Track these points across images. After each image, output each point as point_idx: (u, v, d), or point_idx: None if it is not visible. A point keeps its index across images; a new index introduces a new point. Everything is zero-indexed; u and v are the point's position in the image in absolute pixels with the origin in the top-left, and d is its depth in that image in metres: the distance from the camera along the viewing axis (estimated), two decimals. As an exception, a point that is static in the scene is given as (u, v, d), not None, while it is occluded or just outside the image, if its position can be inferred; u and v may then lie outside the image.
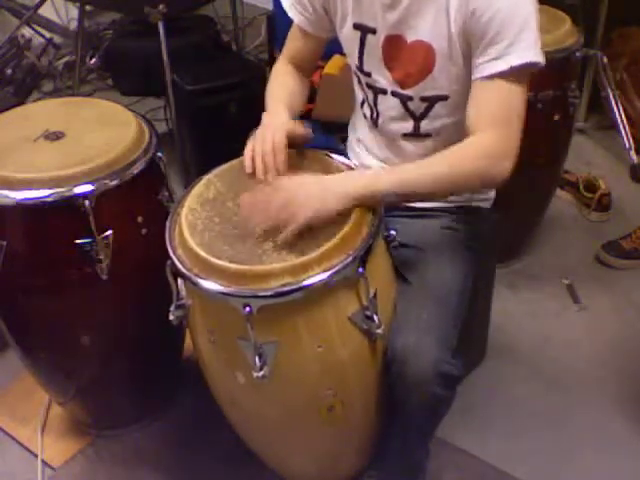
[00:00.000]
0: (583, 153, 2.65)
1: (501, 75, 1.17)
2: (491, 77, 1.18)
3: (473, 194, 1.42)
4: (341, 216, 1.17)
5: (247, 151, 1.29)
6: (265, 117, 1.35)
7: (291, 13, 1.42)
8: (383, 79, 1.33)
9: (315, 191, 1.17)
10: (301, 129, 1.33)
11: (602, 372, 1.83)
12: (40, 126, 1.45)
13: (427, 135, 1.35)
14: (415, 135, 1.36)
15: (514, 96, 1.19)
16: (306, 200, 1.15)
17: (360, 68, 1.36)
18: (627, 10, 2.56)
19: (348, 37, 1.35)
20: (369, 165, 1.44)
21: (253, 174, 1.27)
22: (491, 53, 1.17)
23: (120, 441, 1.72)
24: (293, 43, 1.47)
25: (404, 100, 1.32)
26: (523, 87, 1.19)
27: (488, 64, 1.18)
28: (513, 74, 1.17)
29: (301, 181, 1.20)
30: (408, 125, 1.35)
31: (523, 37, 1.16)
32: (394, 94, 1.33)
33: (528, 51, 1.16)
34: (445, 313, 1.26)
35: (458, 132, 1.32)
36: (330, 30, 1.40)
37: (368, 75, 1.36)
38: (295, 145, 1.31)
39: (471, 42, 1.20)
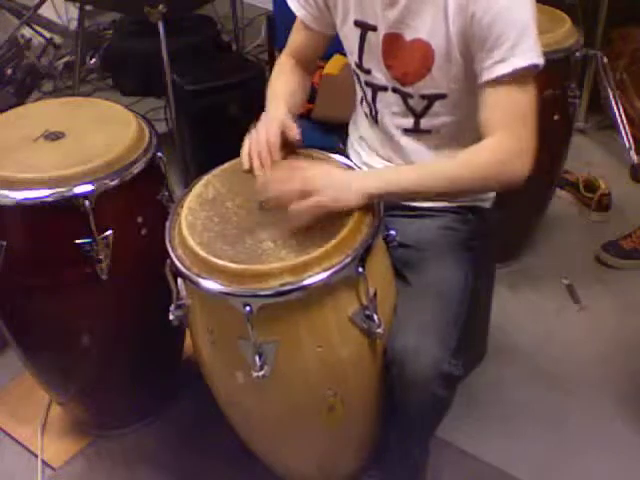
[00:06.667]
0: (583, 153, 2.64)
1: (506, 77, 1.17)
2: (497, 80, 1.18)
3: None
4: (341, 216, 1.17)
5: (244, 148, 1.31)
6: (263, 116, 1.36)
7: (293, 7, 1.42)
8: (383, 76, 1.33)
9: (339, 181, 1.19)
10: (293, 126, 1.32)
11: (602, 372, 1.83)
12: (40, 126, 1.45)
13: (427, 132, 1.35)
14: (415, 131, 1.36)
15: (521, 97, 1.20)
16: (329, 185, 1.17)
17: (360, 65, 1.36)
18: (627, 10, 2.56)
19: (349, 34, 1.35)
20: (371, 164, 1.44)
21: (250, 171, 1.28)
22: (494, 56, 1.17)
23: (120, 441, 1.72)
24: (296, 37, 1.47)
25: (404, 97, 1.32)
26: (529, 87, 1.20)
27: (492, 67, 1.18)
28: (518, 76, 1.17)
29: (328, 169, 1.24)
30: (409, 121, 1.35)
31: (525, 39, 1.16)
32: (395, 90, 1.33)
33: (531, 52, 1.17)
34: (445, 313, 1.26)
35: (458, 130, 1.32)
36: (332, 26, 1.40)
37: (368, 72, 1.36)
38: (286, 142, 1.32)
39: (471, 45, 1.20)
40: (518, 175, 1.20)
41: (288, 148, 1.32)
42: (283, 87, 1.42)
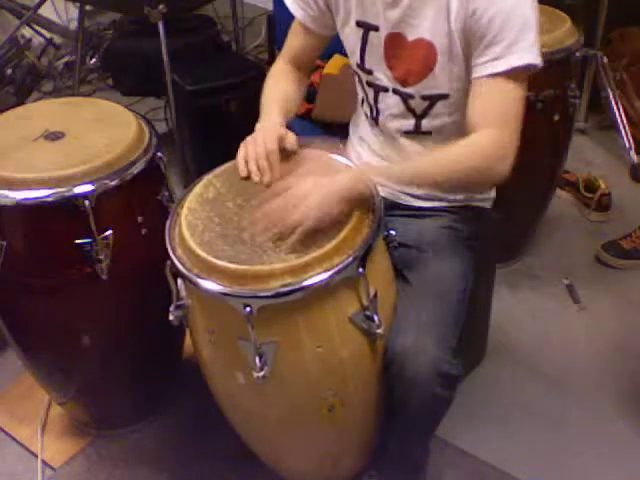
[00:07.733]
0: (583, 153, 2.65)
1: (501, 75, 1.18)
2: (491, 77, 1.18)
3: (473, 194, 1.42)
4: (341, 216, 1.17)
5: (239, 156, 1.29)
6: (258, 123, 1.35)
7: (292, 8, 1.41)
8: (384, 77, 1.34)
9: (320, 192, 1.16)
10: (291, 138, 1.30)
11: (602, 372, 1.84)
12: (40, 126, 1.45)
13: (427, 133, 1.35)
14: (416, 133, 1.36)
15: (513, 96, 1.20)
16: (313, 201, 1.15)
17: (361, 66, 1.36)
18: (627, 10, 2.56)
19: (350, 35, 1.35)
20: (372, 164, 1.44)
21: (248, 178, 1.27)
22: (491, 53, 1.17)
23: (120, 441, 1.72)
24: (294, 40, 1.46)
25: (405, 98, 1.32)
26: (522, 87, 1.20)
27: (488, 64, 1.18)
28: (513, 75, 1.18)
29: (304, 185, 1.18)
30: (409, 123, 1.35)
31: (523, 38, 1.16)
32: (395, 92, 1.33)
33: (528, 52, 1.17)
34: (445, 313, 1.27)
35: (458, 131, 1.32)
36: (332, 27, 1.40)
37: (369, 73, 1.36)
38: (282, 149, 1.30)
39: (472, 42, 1.20)
40: (498, 175, 1.20)
41: (283, 153, 1.31)
42: (276, 94, 1.40)
